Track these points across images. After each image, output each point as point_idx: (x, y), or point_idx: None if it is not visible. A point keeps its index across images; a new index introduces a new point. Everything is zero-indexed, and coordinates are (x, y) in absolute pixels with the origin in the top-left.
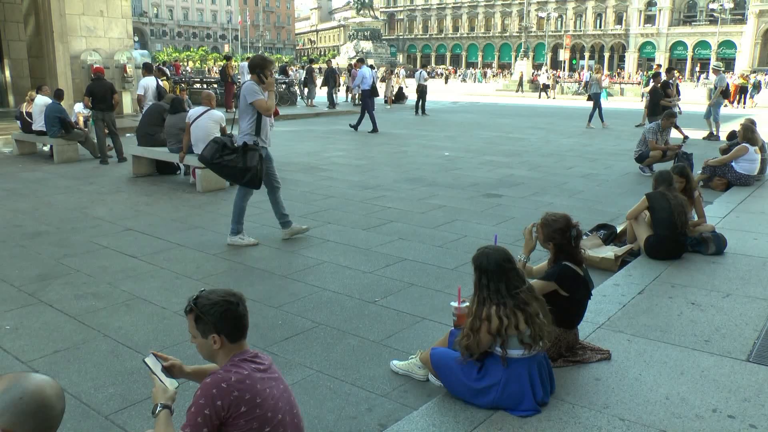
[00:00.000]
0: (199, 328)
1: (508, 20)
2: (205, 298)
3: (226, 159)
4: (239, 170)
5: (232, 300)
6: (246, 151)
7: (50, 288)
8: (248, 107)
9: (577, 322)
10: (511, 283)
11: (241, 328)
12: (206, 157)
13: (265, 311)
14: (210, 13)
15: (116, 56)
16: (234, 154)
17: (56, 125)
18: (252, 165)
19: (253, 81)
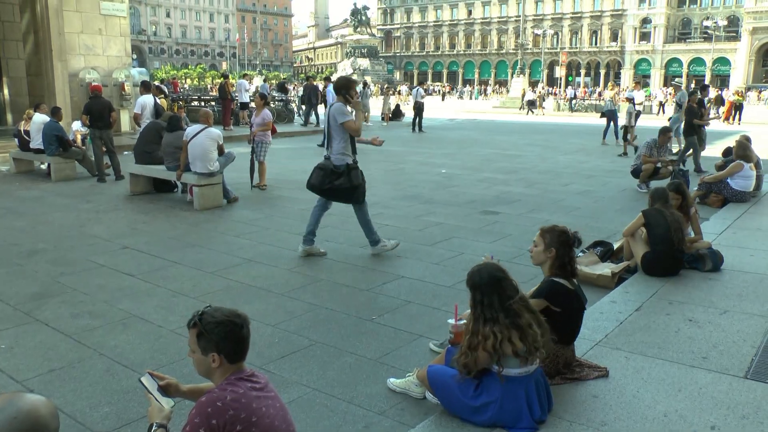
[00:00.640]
0: (200, 344)
1: (504, 37)
2: (210, 316)
3: (335, 184)
4: (348, 190)
5: (237, 321)
6: (350, 172)
7: (46, 306)
8: (339, 128)
9: (573, 337)
10: (505, 294)
11: (242, 350)
12: (315, 185)
13: (262, 329)
14: (208, 30)
15: (114, 74)
16: (341, 178)
17: (54, 143)
18: (358, 183)
19: (341, 102)
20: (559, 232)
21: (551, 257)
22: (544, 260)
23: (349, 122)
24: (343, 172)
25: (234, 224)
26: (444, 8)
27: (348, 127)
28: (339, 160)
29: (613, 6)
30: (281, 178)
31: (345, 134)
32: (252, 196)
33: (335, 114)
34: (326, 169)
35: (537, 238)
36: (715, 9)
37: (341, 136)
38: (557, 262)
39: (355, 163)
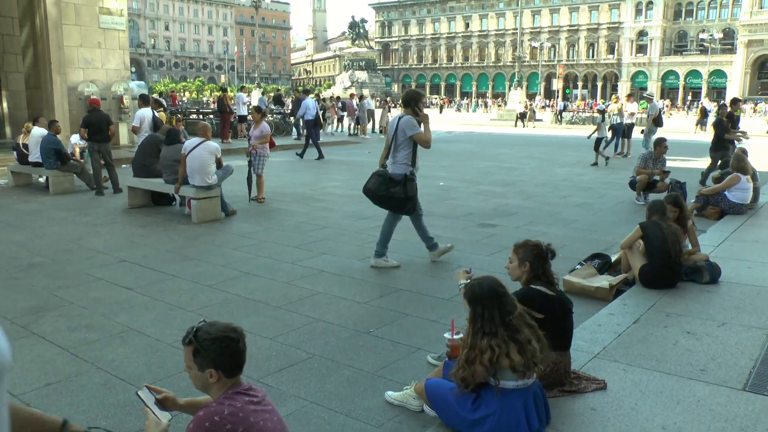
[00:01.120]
0: (197, 361)
1: (501, 50)
2: (206, 332)
3: (391, 191)
4: (402, 200)
5: (232, 336)
6: (407, 182)
7: (44, 320)
8: (407, 139)
9: (567, 342)
10: (505, 309)
11: (238, 364)
12: (371, 189)
13: (260, 342)
14: (207, 43)
15: (113, 87)
16: (398, 186)
17: (52, 157)
18: (412, 194)
19: (409, 114)
20: (532, 246)
21: (526, 271)
22: (520, 275)
23: (419, 134)
24: (399, 182)
25: (232, 237)
26: (442, 21)
27: (418, 139)
28: (398, 169)
29: (609, 19)
30: (279, 191)
31: (411, 146)
32: (250, 209)
33: (405, 126)
34: (384, 176)
35: (511, 254)
36: (711, 22)
37: (406, 148)
38: (532, 275)
39: (412, 175)
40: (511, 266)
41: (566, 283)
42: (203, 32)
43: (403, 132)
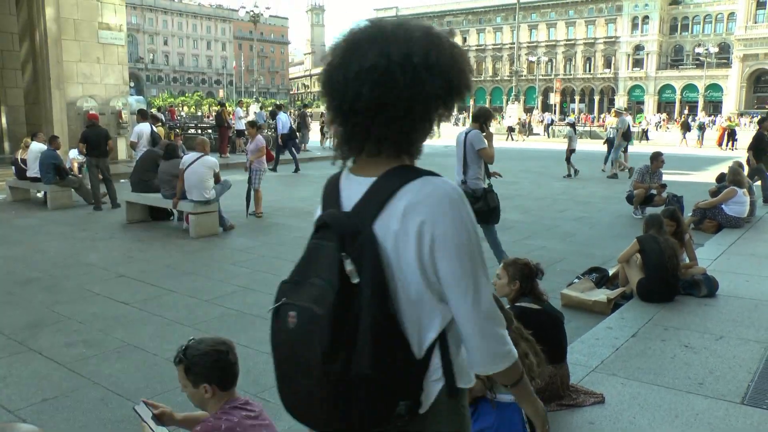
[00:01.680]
0: (190, 378)
1: (499, 64)
2: (195, 348)
3: (475, 207)
4: (486, 213)
5: (222, 349)
6: (486, 195)
7: (40, 335)
8: (476, 154)
9: (561, 354)
10: None
11: (231, 376)
12: None
13: (258, 357)
14: (205, 58)
15: (112, 102)
16: (480, 202)
17: (51, 172)
18: (495, 204)
19: (477, 129)
20: (521, 265)
21: (515, 289)
22: (508, 292)
23: (485, 150)
24: (481, 196)
25: (230, 252)
26: None
27: (484, 153)
28: (475, 184)
29: (606, 33)
30: (277, 205)
31: (480, 160)
32: (248, 224)
33: (473, 141)
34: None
35: (500, 270)
36: (706, 36)
37: (477, 162)
38: (519, 293)
39: (490, 187)
40: (499, 283)
41: (564, 297)
42: (202, 47)
43: (472, 146)
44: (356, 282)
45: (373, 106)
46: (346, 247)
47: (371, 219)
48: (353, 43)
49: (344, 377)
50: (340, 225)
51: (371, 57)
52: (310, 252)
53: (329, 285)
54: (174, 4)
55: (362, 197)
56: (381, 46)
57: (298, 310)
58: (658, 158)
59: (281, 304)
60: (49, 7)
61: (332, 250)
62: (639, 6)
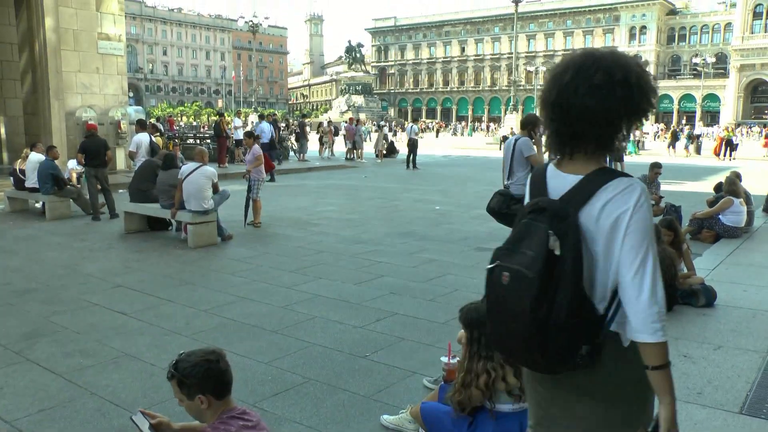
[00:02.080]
0: (184, 391)
1: (497, 74)
2: (185, 362)
3: (512, 209)
4: None
5: (211, 358)
6: None
7: (37, 346)
8: (524, 160)
9: None
10: None
11: (225, 383)
12: (494, 208)
13: (255, 367)
14: (204, 68)
15: (111, 112)
16: (519, 204)
17: (49, 182)
18: None
19: (526, 136)
20: None
21: None
22: None
23: (534, 156)
24: (521, 199)
25: (228, 262)
26: (437, 46)
27: (533, 159)
28: (518, 189)
29: (603, 43)
30: (275, 215)
31: (527, 166)
32: (246, 234)
33: (522, 147)
34: (506, 194)
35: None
36: (704, 46)
37: (523, 168)
38: None
39: None
40: None
41: None
42: (201, 57)
43: (521, 152)
44: (558, 254)
45: (596, 115)
46: (554, 226)
47: (578, 207)
48: (581, 66)
49: (545, 324)
50: (554, 209)
51: (598, 78)
52: (524, 228)
53: (539, 255)
54: (173, 15)
55: (571, 189)
56: (606, 70)
57: (512, 271)
58: (654, 168)
59: (496, 265)
60: (48, 18)
61: (543, 229)
62: (636, 16)
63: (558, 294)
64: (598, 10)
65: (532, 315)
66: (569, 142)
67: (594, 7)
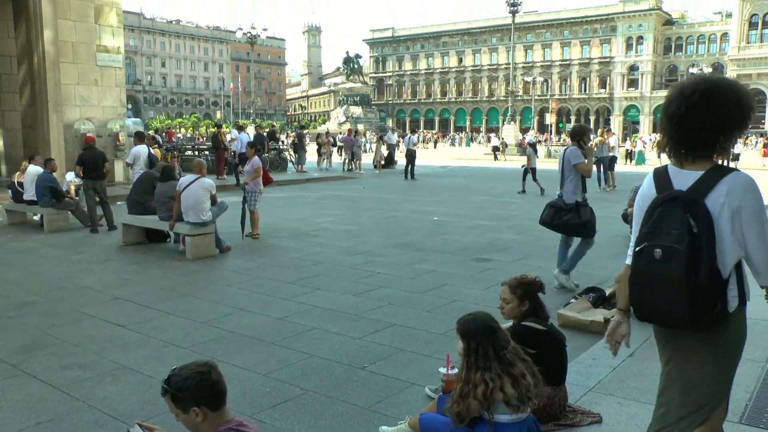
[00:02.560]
0: (179, 405)
1: (494, 85)
2: (177, 376)
3: (564, 219)
4: (578, 225)
5: (203, 370)
6: (579, 208)
7: (35, 359)
8: (572, 169)
9: (561, 376)
10: (499, 344)
11: (218, 394)
12: (546, 221)
13: (253, 378)
14: (203, 80)
15: (109, 125)
16: (570, 213)
17: (47, 194)
18: (587, 219)
19: (575, 146)
20: (527, 283)
21: (526, 309)
22: (518, 314)
23: (581, 164)
24: (572, 209)
25: (226, 274)
26: (435, 56)
27: (580, 168)
28: (569, 197)
29: (600, 53)
30: (274, 226)
31: (577, 175)
32: (244, 246)
33: (570, 156)
34: (556, 206)
35: (507, 294)
36: (700, 56)
37: (573, 176)
38: (530, 312)
39: (584, 201)
40: (508, 307)
41: (561, 317)
42: (199, 69)
43: (569, 161)
44: (695, 232)
45: (717, 128)
46: (688, 210)
47: (704, 195)
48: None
49: (694, 287)
50: (686, 197)
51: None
52: (661, 215)
53: (683, 233)
54: (172, 26)
55: (696, 182)
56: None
57: (663, 248)
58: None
59: (645, 245)
60: (47, 30)
61: (680, 213)
62: (633, 26)
63: (701, 262)
64: (595, 21)
65: (686, 280)
66: (697, 147)
67: (591, 17)
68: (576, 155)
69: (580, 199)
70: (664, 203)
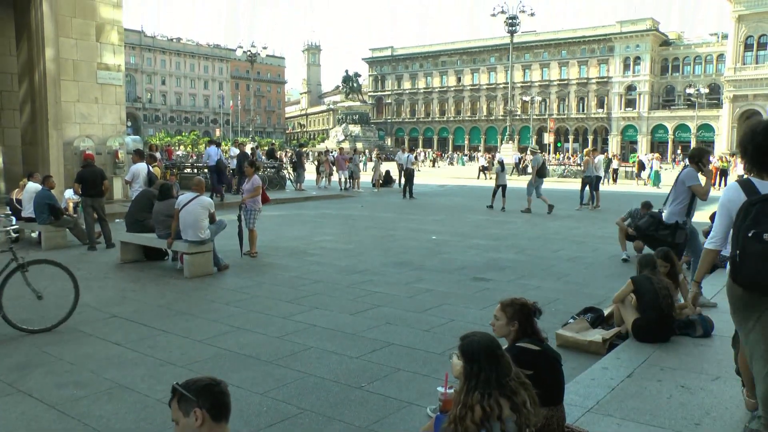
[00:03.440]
0: (182, 407)
1: (493, 104)
2: (189, 380)
3: (659, 233)
4: (667, 245)
5: (213, 380)
6: (677, 229)
7: (30, 377)
8: (685, 190)
9: (558, 396)
10: (502, 371)
11: (222, 404)
12: (641, 228)
13: (250, 397)
14: (202, 97)
15: (109, 142)
16: (667, 231)
17: (45, 212)
18: (679, 242)
19: (693, 168)
20: (519, 305)
21: (514, 330)
22: (507, 333)
23: (697, 186)
24: (669, 227)
25: (224, 292)
26: (434, 75)
27: (695, 190)
28: (671, 217)
29: (598, 74)
30: (272, 245)
31: (687, 197)
32: (242, 264)
33: (685, 178)
34: (656, 217)
35: (498, 312)
36: (697, 77)
37: (683, 198)
38: (520, 333)
39: (684, 224)
40: (498, 324)
41: (559, 338)
42: (199, 86)
43: (683, 182)
44: None
45: None
46: None
47: None
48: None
49: None
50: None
51: None
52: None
53: None
54: (172, 44)
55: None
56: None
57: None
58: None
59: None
60: (49, 48)
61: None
62: (630, 47)
63: None
64: (593, 41)
65: None
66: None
67: (588, 37)
68: (692, 177)
69: (680, 221)
70: (759, 203)
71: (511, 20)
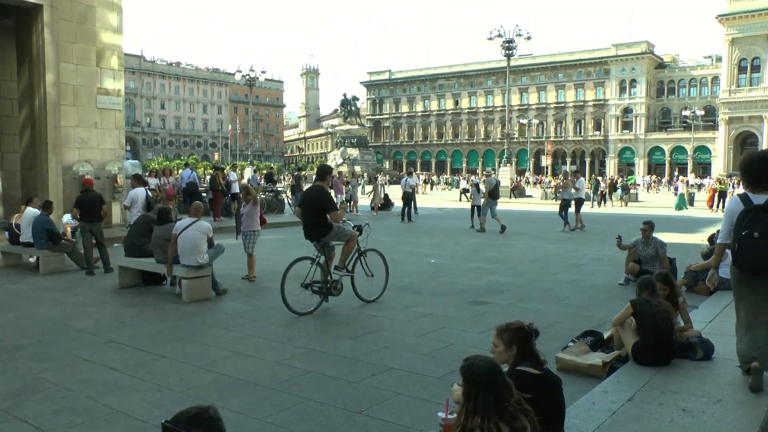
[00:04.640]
0: None
1: (490, 127)
2: (175, 414)
3: None
4: None
5: (200, 407)
6: None
7: (26, 404)
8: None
9: (559, 420)
10: (501, 396)
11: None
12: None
13: (249, 423)
14: (201, 121)
15: (108, 166)
16: None
17: (43, 237)
18: None
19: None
20: (515, 329)
21: (513, 354)
22: (507, 358)
23: None
24: None
25: (222, 316)
26: (431, 99)
27: None
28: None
29: (595, 96)
30: (270, 269)
31: None
32: (241, 288)
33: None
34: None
35: (495, 339)
36: (692, 99)
37: None
38: (520, 357)
39: None
40: (497, 351)
41: (559, 361)
42: (198, 110)
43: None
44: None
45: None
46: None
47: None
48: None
49: None
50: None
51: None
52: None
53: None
54: (171, 69)
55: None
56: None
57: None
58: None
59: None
60: (49, 74)
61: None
62: (626, 70)
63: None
64: (589, 64)
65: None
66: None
67: (584, 60)
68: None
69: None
70: (752, 211)
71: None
